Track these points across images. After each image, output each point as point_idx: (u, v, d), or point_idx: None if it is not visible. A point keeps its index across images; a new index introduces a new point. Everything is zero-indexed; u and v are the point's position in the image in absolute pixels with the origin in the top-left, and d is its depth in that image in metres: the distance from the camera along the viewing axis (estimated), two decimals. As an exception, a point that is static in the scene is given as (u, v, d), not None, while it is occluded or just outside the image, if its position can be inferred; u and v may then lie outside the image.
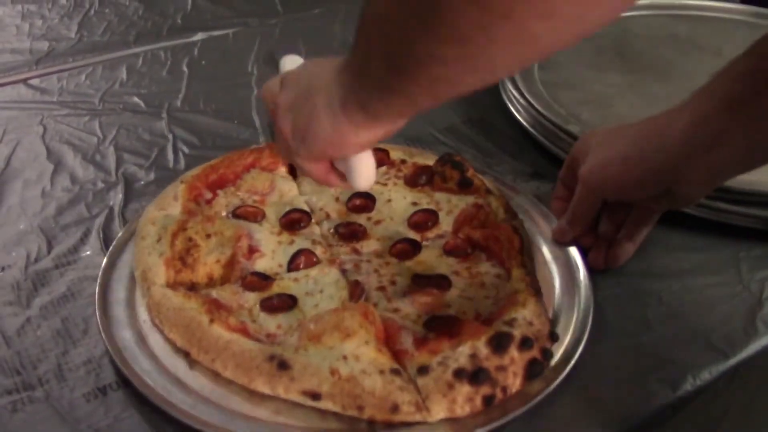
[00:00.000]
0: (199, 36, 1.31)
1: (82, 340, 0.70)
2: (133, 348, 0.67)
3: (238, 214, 0.80)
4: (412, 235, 0.79)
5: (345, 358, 0.62)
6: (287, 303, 0.69)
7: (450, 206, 0.82)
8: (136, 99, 1.11)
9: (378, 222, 0.81)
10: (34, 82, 1.16)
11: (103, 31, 1.33)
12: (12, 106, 1.09)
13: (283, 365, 0.61)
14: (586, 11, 0.41)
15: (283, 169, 0.88)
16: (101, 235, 0.82)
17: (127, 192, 0.90)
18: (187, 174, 0.84)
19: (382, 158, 0.88)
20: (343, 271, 0.74)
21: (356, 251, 0.78)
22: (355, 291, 0.71)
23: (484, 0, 0.40)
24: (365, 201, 0.83)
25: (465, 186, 0.84)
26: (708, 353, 0.69)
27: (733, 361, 0.68)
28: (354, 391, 0.60)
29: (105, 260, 0.76)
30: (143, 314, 0.70)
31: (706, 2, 1.30)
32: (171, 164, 0.96)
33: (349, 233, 0.79)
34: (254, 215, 0.80)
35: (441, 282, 0.72)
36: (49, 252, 0.81)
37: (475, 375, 0.61)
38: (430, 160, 0.89)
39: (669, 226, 0.82)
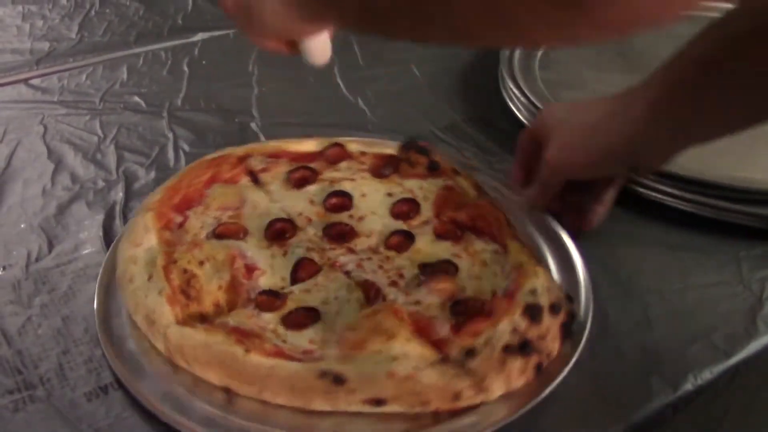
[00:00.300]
0: (200, 36, 1.31)
1: (83, 339, 0.70)
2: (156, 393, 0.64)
3: (219, 233, 0.76)
4: (400, 225, 0.80)
5: (396, 358, 0.61)
6: (310, 316, 0.68)
7: (424, 192, 0.83)
8: (136, 98, 1.12)
9: (361, 218, 0.81)
10: (35, 82, 1.16)
11: (103, 32, 1.33)
12: (13, 106, 1.09)
13: (338, 380, 0.60)
14: (591, 33, 0.42)
15: (246, 179, 0.84)
16: (102, 234, 0.82)
17: (128, 191, 0.90)
18: (148, 200, 0.79)
19: (341, 153, 0.88)
20: (347, 273, 0.74)
21: (351, 251, 0.77)
22: (371, 291, 0.71)
23: (499, 14, 0.40)
24: (341, 199, 0.82)
25: (433, 169, 0.85)
26: (709, 352, 0.69)
27: (733, 361, 0.68)
28: (415, 389, 0.60)
29: (96, 292, 0.73)
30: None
31: (706, 2, 1.30)
32: (172, 163, 0.96)
33: (338, 234, 0.78)
34: (236, 232, 0.76)
35: (448, 267, 0.73)
36: (50, 251, 0.81)
37: (523, 347, 0.62)
38: (388, 148, 0.89)
39: (669, 225, 0.82)
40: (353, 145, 0.90)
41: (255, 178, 0.85)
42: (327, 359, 0.63)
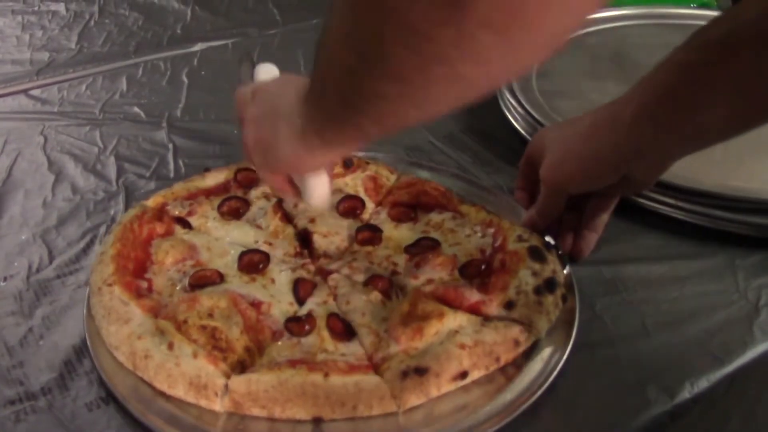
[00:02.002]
0: (199, 46, 1.32)
1: (84, 350, 0.70)
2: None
3: (196, 284, 0.74)
4: (355, 223, 0.83)
5: (457, 331, 0.66)
6: (348, 327, 0.69)
7: (353, 188, 0.87)
8: (136, 109, 1.12)
9: (312, 221, 0.82)
10: (35, 92, 1.17)
11: (103, 42, 1.34)
12: (13, 117, 1.10)
13: (420, 371, 0.63)
14: (516, 58, 0.43)
15: (179, 228, 0.82)
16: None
17: (128, 201, 0.90)
18: (105, 275, 0.73)
19: (252, 177, 0.88)
20: (348, 278, 0.75)
21: (328, 256, 0.79)
22: (382, 285, 0.73)
23: (418, 46, 0.42)
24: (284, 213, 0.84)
25: (348, 166, 0.89)
26: (705, 361, 0.69)
27: (730, 369, 0.69)
28: (485, 350, 0.65)
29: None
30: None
31: (700, 11, 1.32)
32: (171, 173, 0.97)
33: (307, 245, 0.80)
34: (211, 278, 0.74)
35: (430, 243, 0.78)
36: (50, 262, 0.81)
37: (549, 285, 0.70)
38: None
39: (665, 234, 0.83)
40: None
41: (186, 224, 0.82)
42: (397, 358, 0.64)
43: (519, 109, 1.01)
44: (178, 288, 0.74)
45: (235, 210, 0.84)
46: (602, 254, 0.80)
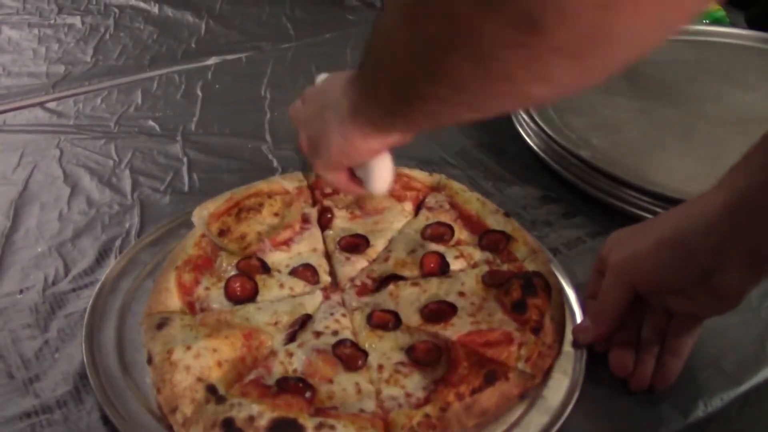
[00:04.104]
0: (213, 60, 1.33)
1: (99, 363, 0.70)
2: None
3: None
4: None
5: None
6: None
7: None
8: (151, 122, 1.13)
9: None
10: (51, 105, 1.18)
11: (118, 55, 1.35)
12: (29, 130, 1.11)
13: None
14: (583, 79, 0.44)
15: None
16: (117, 258, 0.83)
17: (143, 215, 0.91)
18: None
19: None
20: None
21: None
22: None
23: (486, 64, 0.43)
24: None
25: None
26: (719, 379, 0.69)
27: (744, 387, 0.69)
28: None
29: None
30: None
31: (713, 28, 1.32)
32: (186, 187, 0.97)
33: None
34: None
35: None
36: (66, 275, 0.82)
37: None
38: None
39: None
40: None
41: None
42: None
43: (531, 124, 1.02)
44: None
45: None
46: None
